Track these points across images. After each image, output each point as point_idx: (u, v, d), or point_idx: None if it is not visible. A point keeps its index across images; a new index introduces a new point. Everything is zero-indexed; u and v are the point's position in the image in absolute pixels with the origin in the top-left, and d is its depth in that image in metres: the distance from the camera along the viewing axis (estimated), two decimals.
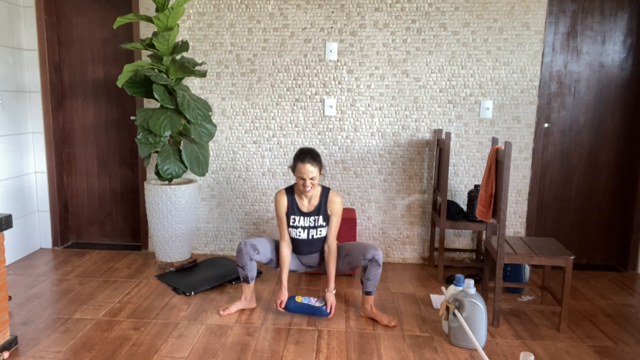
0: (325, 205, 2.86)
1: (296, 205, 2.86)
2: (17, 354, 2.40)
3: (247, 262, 2.82)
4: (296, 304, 2.83)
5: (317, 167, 2.73)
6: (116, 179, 4.08)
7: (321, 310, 2.80)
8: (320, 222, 2.86)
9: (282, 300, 2.82)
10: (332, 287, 2.84)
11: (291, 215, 2.86)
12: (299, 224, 2.86)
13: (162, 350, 2.46)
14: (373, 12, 3.63)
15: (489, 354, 2.47)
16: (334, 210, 2.86)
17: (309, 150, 2.76)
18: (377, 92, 3.72)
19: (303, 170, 2.71)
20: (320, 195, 2.87)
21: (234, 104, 3.81)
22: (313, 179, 2.73)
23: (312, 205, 2.86)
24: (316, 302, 2.83)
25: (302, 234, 2.86)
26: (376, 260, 2.74)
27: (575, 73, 3.71)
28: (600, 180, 3.81)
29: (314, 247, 2.92)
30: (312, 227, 2.86)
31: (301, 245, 2.90)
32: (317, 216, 2.85)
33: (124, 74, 3.21)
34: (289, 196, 2.87)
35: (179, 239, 3.54)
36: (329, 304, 2.79)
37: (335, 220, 2.87)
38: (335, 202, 2.85)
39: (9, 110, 3.66)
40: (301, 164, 2.72)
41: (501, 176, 2.66)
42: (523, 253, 2.71)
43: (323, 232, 2.88)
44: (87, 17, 3.90)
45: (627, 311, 3.05)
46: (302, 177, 2.72)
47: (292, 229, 2.88)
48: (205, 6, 3.71)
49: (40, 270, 3.54)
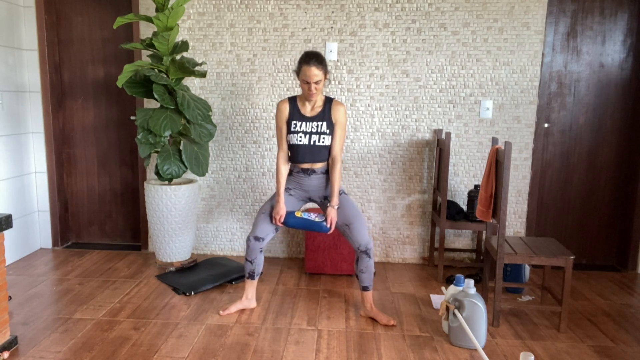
0: (329, 112, 2.77)
1: (298, 110, 2.78)
2: (17, 354, 2.41)
3: (257, 254, 2.82)
4: (295, 218, 2.73)
5: (322, 71, 2.67)
6: (116, 179, 4.08)
7: (321, 225, 2.69)
8: (323, 129, 2.76)
9: (281, 214, 2.75)
10: (334, 202, 2.75)
11: (292, 121, 2.77)
12: (300, 129, 2.76)
13: (162, 350, 2.46)
14: (373, 12, 3.63)
15: (489, 354, 2.47)
16: (338, 119, 2.77)
17: (315, 53, 2.68)
18: (377, 92, 3.72)
19: (308, 73, 2.63)
20: (324, 102, 2.79)
21: (234, 104, 3.81)
22: (318, 82, 2.66)
23: (314, 111, 2.78)
24: (316, 217, 2.71)
25: (303, 139, 2.75)
26: (368, 253, 2.71)
27: (575, 73, 3.71)
28: (600, 180, 3.81)
29: (315, 156, 2.79)
30: (314, 133, 2.75)
31: (301, 152, 2.79)
32: (321, 122, 2.76)
33: (124, 74, 3.21)
34: (291, 103, 2.79)
35: (179, 239, 3.55)
36: (329, 218, 2.71)
37: (340, 130, 2.78)
38: (340, 111, 2.77)
39: (9, 110, 3.66)
40: (306, 67, 2.64)
41: (501, 176, 2.66)
42: (523, 253, 2.71)
43: (326, 141, 2.77)
44: (87, 17, 3.90)
45: (627, 311, 3.05)
46: (307, 80, 2.65)
47: (292, 135, 2.78)
48: (205, 6, 3.71)
49: (40, 270, 3.54)
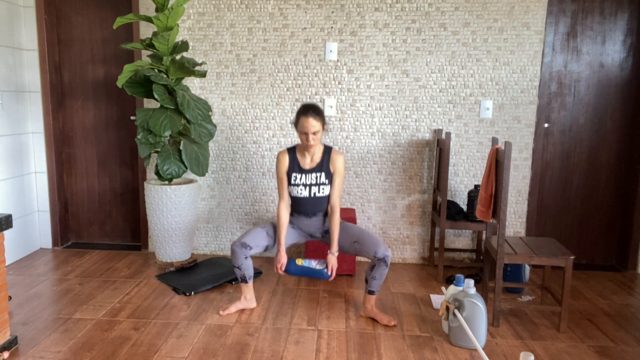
0: (327, 163, 2.81)
1: (297, 162, 2.82)
2: (17, 354, 2.40)
3: (243, 261, 2.80)
4: (297, 266, 2.75)
5: (319, 122, 2.71)
6: (116, 179, 4.08)
7: (322, 272, 2.71)
8: (322, 180, 2.81)
9: (282, 263, 2.77)
10: (334, 250, 2.78)
11: (292, 173, 2.81)
12: (300, 181, 2.80)
13: (162, 350, 2.46)
14: (373, 12, 3.63)
15: (489, 354, 2.47)
16: (336, 168, 2.81)
17: (312, 105, 2.74)
18: (377, 92, 3.72)
19: (306, 125, 2.68)
20: (323, 152, 2.83)
21: (234, 104, 3.81)
22: (316, 133, 2.70)
23: (314, 163, 2.82)
24: (317, 265, 2.74)
25: (304, 191, 2.81)
26: (385, 261, 2.70)
27: (575, 73, 3.71)
28: (600, 180, 3.81)
29: (317, 207, 2.85)
30: (313, 185, 2.80)
31: (303, 204, 2.84)
32: (319, 173, 2.80)
33: (124, 74, 3.21)
34: (290, 155, 2.83)
35: (179, 239, 3.55)
36: (330, 266, 2.73)
37: (338, 180, 2.83)
38: (338, 160, 2.81)
39: (9, 110, 3.66)
40: (304, 118, 2.69)
41: (501, 176, 2.66)
42: (523, 253, 2.71)
43: (325, 191, 2.83)
44: (87, 17, 3.90)
45: (627, 311, 3.05)
46: (305, 131, 2.69)
47: (293, 188, 2.82)
48: (205, 6, 3.71)
49: (40, 270, 3.54)
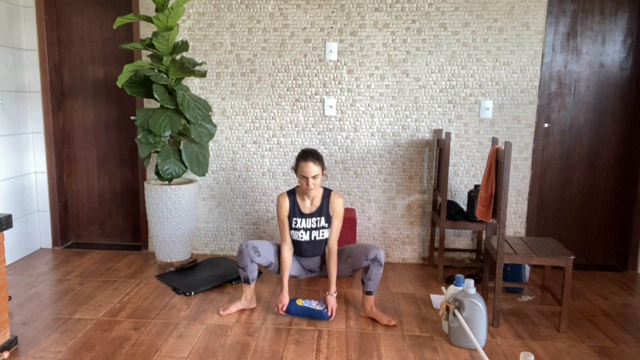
0: (327, 207, 2.86)
1: (298, 207, 2.86)
2: (17, 354, 2.40)
3: (248, 263, 2.82)
4: (297, 307, 2.83)
5: (319, 167, 2.76)
6: (116, 179, 4.08)
7: (322, 313, 2.80)
8: (322, 224, 2.86)
9: (284, 303, 2.82)
10: (333, 290, 2.84)
11: (293, 218, 2.86)
12: (301, 225, 2.85)
13: (162, 350, 2.46)
14: (373, 12, 3.63)
15: (489, 354, 2.47)
16: (335, 212, 2.86)
17: (312, 150, 2.80)
18: (377, 92, 3.72)
19: (306, 169, 2.72)
20: (322, 196, 2.87)
21: (234, 104, 3.81)
22: (316, 177, 2.74)
23: (314, 207, 2.86)
24: (317, 305, 2.83)
25: (305, 235, 2.86)
26: (378, 260, 2.74)
27: (575, 73, 3.71)
28: (600, 180, 3.81)
29: (317, 250, 2.91)
30: (314, 229, 2.86)
31: (303, 248, 2.90)
32: (319, 217, 2.85)
33: (124, 74, 3.21)
34: (290, 198, 2.87)
35: (179, 239, 3.54)
36: (329, 306, 2.79)
37: (337, 222, 2.88)
38: (337, 204, 2.86)
39: (9, 110, 3.66)
40: (304, 163, 2.74)
41: (501, 176, 2.66)
42: (523, 253, 2.71)
43: (325, 234, 2.88)
44: (87, 17, 3.90)
45: (627, 311, 3.05)
46: (305, 175, 2.73)
47: (294, 232, 2.87)
48: (205, 6, 3.71)
49: (40, 270, 3.54)
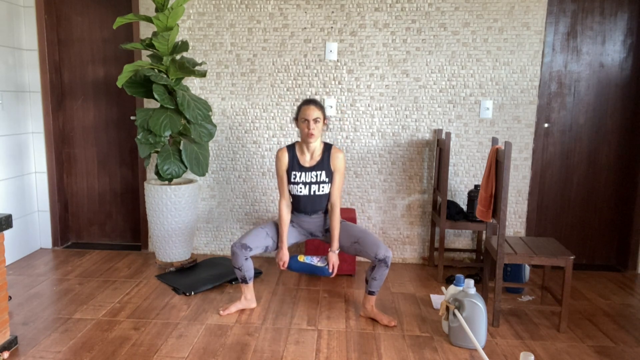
0: (328, 160, 2.81)
1: (297, 160, 2.82)
2: (17, 354, 2.41)
3: (243, 262, 2.80)
4: (298, 263, 2.78)
5: (321, 112, 2.74)
6: (116, 179, 4.08)
7: (323, 269, 2.74)
8: (322, 178, 2.80)
9: (285, 260, 2.79)
10: (335, 247, 2.79)
11: (292, 172, 2.81)
12: (300, 179, 2.80)
13: (162, 350, 2.46)
14: (373, 12, 3.63)
15: (489, 354, 2.47)
16: (337, 166, 2.81)
17: (314, 99, 2.83)
18: (377, 92, 3.72)
19: (307, 112, 2.71)
20: (323, 150, 2.82)
21: (234, 104, 3.81)
22: (317, 121, 2.71)
23: (314, 160, 2.81)
24: (318, 262, 2.77)
25: (304, 190, 2.80)
26: (386, 262, 2.70)
27: (575, 73, 3.71)
28: (600, 180, 3.81)
29: (316, 205, 2.85)
30: (313, 183, 2.80)
31: (302, 203, 2.84)
32: (320, 171, 2.80)
33: (124, 74, 3.21)
34: (290, 152, 2.83)
35: (179, 239, 3.54)
36: (331, 263, 2.75)
37: (339, 178, 2.83)
38: (338, 158, 2.81)
39: (9, 110, 3.66)
40: (305, 106, 2.74)
41: (501, 176, 2.66)
42: (523, 253, 2.71)
43: (325, 189, 2.82)
44: (87, 17, 3.90)
45: (627, 311, 3.05)
46: (306, 118, 2.71)
47: (293, 186, 2.82)
48: (205, 6, 3.71)
49: (40, 270, 3.54)
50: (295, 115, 2.80)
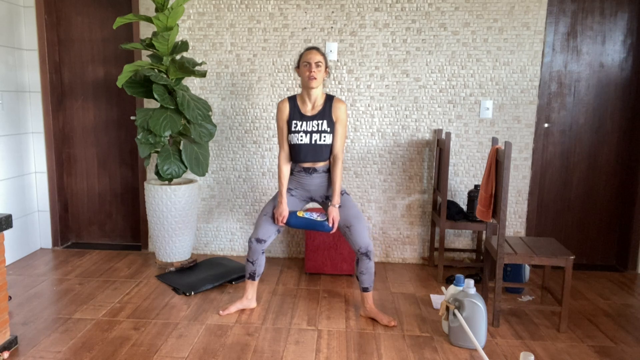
0: (329, 110, 2.78)
1: (298, 109, 2.80)
2: (17, 354, 2.41)
3: (259, 256, 2.82)
4: (298, 218, 2.74)
5: (323, 57, 2.74)
6: (116, 179, 4.08)
7: (323, 224, 2.70)
8: (324, 127, 2.77)
9: (284, 215, 2.76)
10: (336, 201, 2.75)
11: (292, 121, 2.79)
12: (301, 128, 2.77)
13: (162, 350, 2.46)
14: (373, 12, 3.63)
15: (489, 354, 2.47)
16: (339, 117, 2.78)
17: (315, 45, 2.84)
18: (377, 92, 3.72)
19: (309, 56, 2.71)
20: (325, 100, 2.80)
21: (234, 104, 3.81)
22: (319, 64, 2.70)
23: (315, 109, 2.79)
24: (318, 217, 2.73)
25: (304, 138, 2.76)
26: (368, 255, 2.71)
27: (575, 73, 3.71)
28: (600, 180, 3.81)
29: (317, 155, 2.79)
30: (315, 132, 2.76)
31: (303, 152, 2.79)
32: (321, 120, 2.77)
33: (124, 74, 3.21)
34: (291, 102, 2.82)
35: (179, 239, 3.55)
36: (331, 217, 2.72)
37: (341, 128, 2.79)
38: (340, 108, 2.78)
39: (9, 110, 3.66)
40: (307, 51, 2.74)
41: (501, 176, 2.66)
42: (523, 253, 2.71)
43: (327, 139, 2.78)
44: (87, 17, 3.90)
45: (627, 311, 3.06)
46: (308, 61, 2.70)
47: (293, 135, 2.78)
48: (205, 6, 3.71)
49: (40, 270, 3.54)
50: (297, 62, 2.78)
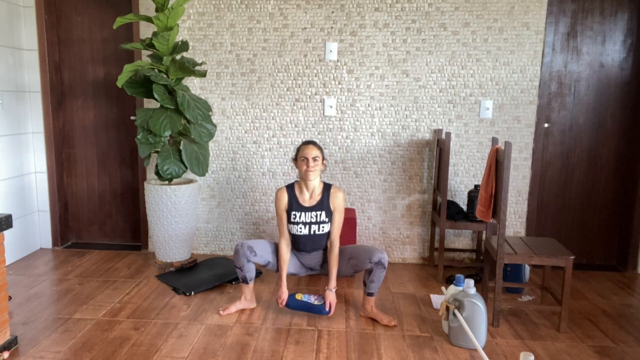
0: (327, 200, 2.83)
1: (296, 200, 2.84)
2: (17, 354, 2.41)
3: (245, 263, 2.81)
4: (296, 301, 2.81)
5: (319, 152, 2.78)
6: (116, 179, 4.08)
7: (320, 308, 2.78)
8: (322, 218, 2.83)
9: (283, 298, 2.81)
10: (332, 286, 2.81)
11: (292, 212, 2.83)
12: (300, 219, 2.83)
13: (162, 350, 2.46)
14: (373, 12, 3.63)
15: (489, 354, 2.47)
16: (336, 206, 2.84)
17: (312, 140, 2.92)
18: (377, 92, 3.72)
19: (306, 150, 2.76)
20: (323, 190, 2.85)
21: (234, 104, 3.81)
22: (316, 159, 2.75)
23: (313, 200, 2.83)
24: (315, 301, 2.81)
25: (304, 229, 2.83)
26: (382, 263, 2.71)
27: (575, 73, 3.71)
28: (600, 180, 3.81)
29: (316, 244, 2.88)
30: (313, 223, 2.82)
31: (302, 242, 2.87)
32: (320, 212, 2.82)
33: (124, 74, 3.21)
34: (289, 192, 2.85)
35: (179, 239, 3.55)
36: (327, 301, 2.77)
37: (338, 217, 2.85)
38: (338, 197, 2.83)
39: (9, 110, 3.66)
40: (304, 146, 2.80)
41: (501, 176, 2.66)
42: (523, 253, 2.71)
43: (325, 228, 2.85)
44: (87, 17, 3.90)
45: (627, 311, 3.05)
46: (305, 156, 2.75)
47: (293, 226, 2.84)
48: (205, 6, 3.71)
49: (40, 270, 3.54)
50: (295, 155, 2.85)
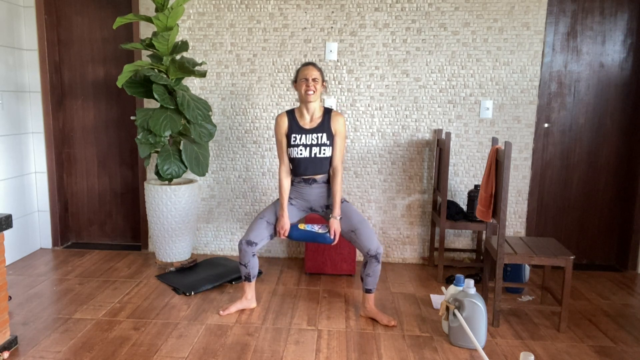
0: (328, 123, 2.80)
1: (297, 123, 2.81)
2: (17, 354, 2.41)
3: (250, 258, 2.82)
4: (299, 231, 2.75)
5: (319, 73, 2.77)
6: (116, 179, 4.08)
7: (324, 236, 2.71)
8: (323, 140, 2.78)
9: (285, 229, 2.78)
10: (337, 213, 2.76)
11: (292, 134, 2.80)
12: (300, 142, 2.78)
13: (162, 350, 2.46)
14: (373, 12, 3.63)
15: (489, 354, 2.47)
16: (337, 129, 2.80)
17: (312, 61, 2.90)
18: (377, 92, 3.72)
19: (306, 71, 2.74)
20: (323, 113, 2.82)
21: (234, 104, 3.81)
22: (315, 80, 2.73)
23: (314, 122, 2.80)
24: (319, 229, 2.74)
25: (304, 152, 2.78)
26: (377, 258, 2.72)
27: (575, 73, 3.71)
28: (600, 180, 3.81)
29: (317, 168, 2.82)
30: (314, 145, 2.78)
31: (303, 166, 2.80)
32: (321, 134, 2.78)
33: (124, 74, 3.21)
34: (289, 116, 2.83)
35: (179, 239, 3.55)
36: (332, 229, 2.73)
37: (340, 141, 2.81)
38: (339, 121, 2.80)
39: (9, 110, 3.66)
40: (304, 67, 2.78)
41: (501, 176, 2.66)
42: (523, 253, 2.71)
43: (327, 152, 2.79)
44: (87, 17, 3.90)
45: (627, 311, 3.06)
46: (305, 77, 2.73)
47: (292, 148, 2.79)
48: (205, 6, 3.71)
49: (40, 270, 3.54)
50: (294, 77, 2.82)
